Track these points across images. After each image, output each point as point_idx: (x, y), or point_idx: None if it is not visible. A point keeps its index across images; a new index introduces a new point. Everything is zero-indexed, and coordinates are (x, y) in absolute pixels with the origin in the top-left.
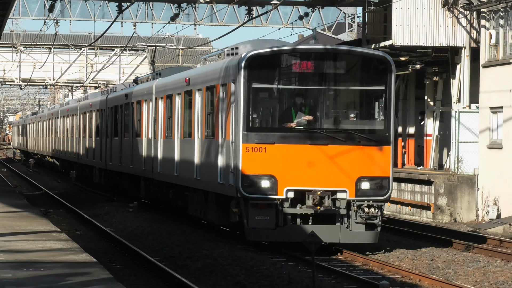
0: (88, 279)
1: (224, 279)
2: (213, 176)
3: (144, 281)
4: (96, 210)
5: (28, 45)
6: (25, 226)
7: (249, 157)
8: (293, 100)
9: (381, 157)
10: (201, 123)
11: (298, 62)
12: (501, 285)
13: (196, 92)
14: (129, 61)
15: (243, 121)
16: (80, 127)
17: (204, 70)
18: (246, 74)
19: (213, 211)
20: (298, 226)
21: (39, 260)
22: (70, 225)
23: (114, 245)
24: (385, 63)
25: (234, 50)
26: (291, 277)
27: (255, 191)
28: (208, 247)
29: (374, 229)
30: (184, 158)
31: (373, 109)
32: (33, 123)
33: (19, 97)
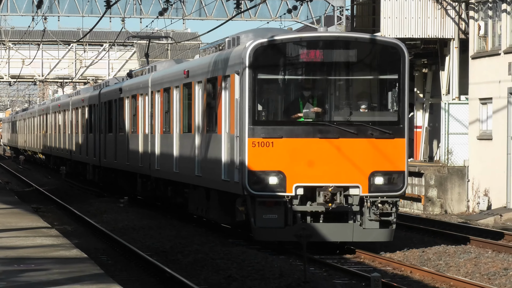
0: (79, 275)
1: (215, 273)
2: (216, 173)
3: (135, 276)
4: (86, 206)
5: (17, 41)
6: (16, 222)
7: (256, 153)
8: (301, 92)
9: (395, 150)
10: (202, 117)
11: (306, 51)
12: (492, 276)
13: (196, 85)
14: (118, 56)
15: (248, 114)
16: (73, 123)
17: (205, 62)
18: (252, 64)
19: (216, 210)
20: (308, 224)
21: (30, 257)
22: (60, 221)
23: (105, 241)
24: (398, 50)
25: (236, 40)
26: (282, 270)
27: (263, 188)
28: (199, 241)
29: (389, 226)
30: (183, 153)
31: (386, 100)
32: (23, 120)
33: (8, 94)
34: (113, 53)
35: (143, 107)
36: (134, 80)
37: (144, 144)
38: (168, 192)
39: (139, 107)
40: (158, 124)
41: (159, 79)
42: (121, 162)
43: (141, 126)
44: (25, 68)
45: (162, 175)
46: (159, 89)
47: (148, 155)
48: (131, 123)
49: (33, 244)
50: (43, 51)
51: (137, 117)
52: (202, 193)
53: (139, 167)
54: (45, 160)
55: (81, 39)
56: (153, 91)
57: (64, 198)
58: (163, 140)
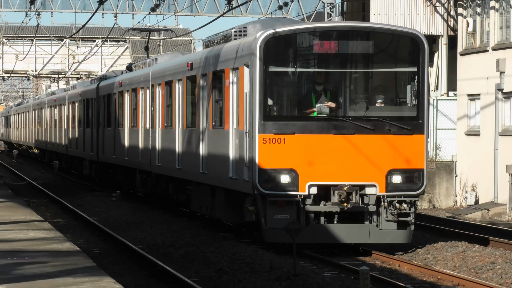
0: (72, 267)
1: (206, 266)
2: (223, 170)
3: (127, 269)
4: (79, 199)
5: (10, 37)
6: (9, 216)
7: (267, 149)
8: (315, 85)
9: (413, 147)
10: (208, 112)
11: (320, 42)
12: (479, 270)
13: (200, 78)
14: (110, 51)
15: (259, 109)
16: (69, 117)
17: (210, 54)
18: (262, 56)
19: (222, 209)
20: (322, 225)
21: (23, 249)
22: (53, 215)
23: (98, 234)
24: (418, 41)
25: (242, 31)
26: (272, 264)
27: (274, 187)
28: (190, 235)
29: (407, 227)
30: (187, 150)
31: (404, 94)
32: (17, 114)
33: (2, 89)
34: (105, 49)
35: (144, 101)
36: (134, 73)
37: (145, 139)
38: (170, 189)
39: (140, 101)
40: (160, 118)
41: (161, 72)
42: (120, 157)
43: (142, 121)
44: (19, 63)
45: (164, 172)
46: (160, 82)
47: (148, 151)
48: (131, 117)
49: (26, 237)
50: (36, 47)
51: (138, 111)
52: (206, 191)
53: (139, 162)
54: (40, 154)
55: (74, 35)
56: (154, 84)
57: (57, 192)
58: (165, 135)
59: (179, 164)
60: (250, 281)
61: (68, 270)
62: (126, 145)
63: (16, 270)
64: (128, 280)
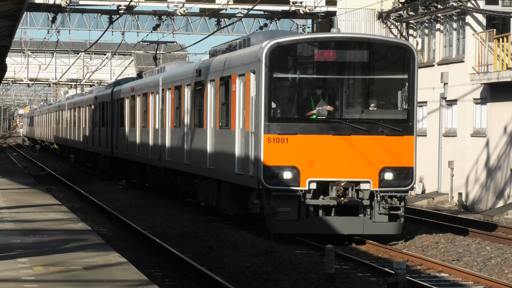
0: (84, 244)
1: (197, 244)
2: (229, 166)
3: (131, 246)
4: (91, 187)
5: (34, 50)
6: (32, 200)
7: (271, 148)
8: (315, 90)
9: (404, 147)
10: (215, 114)
11: (320, 51)
12: (425, 248)
13: (208, 83)
14: (118, 63)
15: (264, 111)
16: (87, 118)
17: (217, 61)
18: (268, 63)
19: (227, 201)
20: (320, 217)
21: (43, 228)
22: (69, 200)
23: (106, 216)
24: (408, 51)
25: (246, 41)
26: (253, 242)
27: (277, 182)
28: (184, 218)
29: (397, 220)
30: (195, 147)
31: (396, 99)
32: (40, 115)
33: (27, 94)
34: (114, 61)
35: (154, 104)
36: (145, 79)
37: (154, 137)
38: (178, 182)
39: (150, 104)
40: (169, 119)
41: (171, 78)
42: (132, 153)
43: (152, 121)
44: (41, 73)
45: (173, 166)
46: (170, 87)
47: (158, 148)
48: (142, 118)
49: (46, 218)
50: (56, 59)
51: (148, 113)
52: (212, 184)
53: (149, 158)
54: (60, 150)
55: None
56: (164, 89)
57: (72, 180)
58: (174, 134)
59: (187, 160)
60: (234, 256)
61: (81, 246)
62: (137, 142)
63: (37, 245)
64: (132, 255)
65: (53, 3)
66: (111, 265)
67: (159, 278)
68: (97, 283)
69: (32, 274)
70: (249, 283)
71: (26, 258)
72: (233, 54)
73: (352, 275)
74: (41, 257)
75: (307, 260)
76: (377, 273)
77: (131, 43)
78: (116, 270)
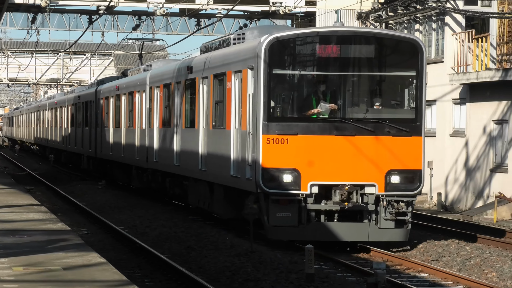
0: (63, 244)
1: (177, 244)
2: (223, 168)
3: (111, 245)
4: (71, 187)
5: (14, 50)
6: (12, 200)
7: (270, 149)
8: (317, 87)
9: (412, 148)
10: (208, 113)
11: (322, 46)
12: (405, 248)
13: (200, 81)
14: (98, 63)
15: (263, 110)
16: (69, 118)
17: (209, 58)
18: (267, 59)
19: (221, 204)
20: (322, 223)
21: (23, 229)
22: (49, 200)
23: (86, 216)
24: (416, 46)
25: (241, 36)
26: (233, 242)
27: (277, 186)
28: (164, 218)
29: (404, 226)
30: (185, 148)
31: (403, 97)
32: (20, 115)
33: (6, 94)
34: (94, 61)
35: (140, 103)
36: (131, 78)
37: (141, 137)
38: (166, 184)
39: (136, 103)
40: (157, 118)
41: (159, 76)
42: (116, 154)
43: (138, 121)
44: (21, 73)
45: (161, 168)
46: (158, 85)
47: (145, 148)
48: (128, 118)
49: (25, 219)
50: (36, 59)
51: (134, 113)
52: (204, 187)
53: (135, 159)
54: (40, 150)
55: (68, 49)
56: (152, 87)
57: (52, 181)
58: (162, 134)
59: (177, 161)
60: (214, 256)
61: (61, 246)
62: (123, 143)
63: (17, 246)
64: (111, 255)
65: (33, 3)
66: (91, 265)
67: (138, 279)
68: (76, 283)
69: (12, 274)
70: (229, 283)
71: (6, 259)
72: (228, 50)
73: (332, 275)
74: (21, 257)
75: (287, 260)
76: (356, 273)
77: (111, 43)
78: (95, 270)
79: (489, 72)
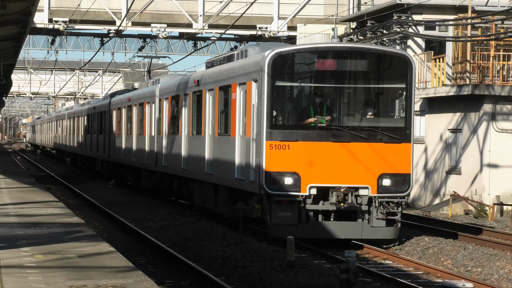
0: (78, 235)
1: (176, 235)
2: (228, 172)
3: (119, 237)
4: (84, 186)
5: (36, 68)
6: (33, 197)
7: (273, 154)
8: (316, 98)
9: (402, 154)
10: (213, 121)
11: (321, 61)
12: (385, 245)
13: (207, 92)
14: (108, 79)
15: (266, 119)
16: (85, 126)
17: (215, 72)
18: (270, 72)
19: (225, 204)
20: (320, 222)
21: (43, 222)
22: (65, 197)
23: (97, 211)
24: (407, 61)
25: (244, 53)
26: (224, 234)
27: (279, 188)
28: (165, 213)
29: (393, 224)
30: (192, 153)
31: (394, 107)
32: (42, 124)
33: (29, 105)
34: (105, 77)
35: (150, 113)
36: (141, 90)
37: (150, 144)
38: (174, 185)
39: (146, 113)
40: (166, 127)
41: (167, 88)
42: (128, 158)
43: (148, 129)
44: (42, 87)
45: (169, 171)
46: (167, 97)
47: (154, 154)
48: (138, 126)
49: (45, 213)
50: (55, 75)
51: (144, 121)
52: (209, 189)
53: (145, 163)
54: (59, 154)
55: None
56: (161, 99)
57: (68, 180)
58: (171, 140)
59: (184, 165)
60: (208, 246)
61: (76, 237)
62: (133, 148)
63: (38, 236)
64: (119, 245)
65: (52, 27)
66: (102, 253)
67: (143, 265)
68: (89, 269)
69: (34, 261)
70: (221, 269)
71: (28, 248)
72: (233, 64)
73: (310, 262)
74: (41, 246)
75: (271, 249)
76: (331, 260)
77: (120, 62)
78: (106, 258)
79: (445, 88)
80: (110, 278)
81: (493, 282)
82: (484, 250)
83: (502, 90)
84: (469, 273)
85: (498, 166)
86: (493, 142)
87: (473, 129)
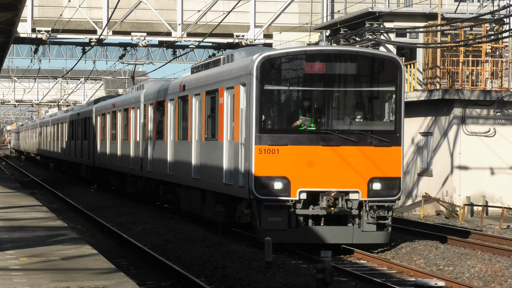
0: (62, 238)
1: (157, 238)
2: (216, 177)
3: (101, 239)
4: (67, 190)
5: (20, 76)
6: (18, 202)
7: (262, 159)
8: (305, 102)
9: (392, 157)
10: (200, 126)
11: (309, 64)
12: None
13: (193, 97)
14: (90, 87)
15: (255, 123)
16: (69, 132)
17: (201, 76)
18: (259, 75)
19: (212, 210)
20: (310, 227)
21: (27, 225)
22: (49, 201)
23: (80, 215)
24: (395, 64)
25: (230, 57)
26: (204, 236)
27: (268, 193)
28: (147, 216)
29: (384, 229)
30: (179, 158)
31: (383, 110)
32: (26, 130)
33: (13, 113)
34: (87, 85)
35: (135, 118)
36: (126, 96)
37: (136, 149)
38: (160, 190)
39: (131, 118)
40: (151, 132)
41: (152, 94)
42: (113, 163)
43: (133, 134)
44: (26, 95)
45: (155, 176)
46: (152, 102)
47: (139, 159)
48: (123, 131)
49: (29, 217)
50: (38, 83)
51: (129, 127)
52: (197, 194)
53: (130, 168)
54: (43, 160)
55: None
56: (146, 104)
57: (52, 185)
58: (156, 146)
59: (170, 170)
60: (188, 248)
61: (59, 240)
62: (118, 154)
63: (22, 240)
64: (102, 247)
65: (35, 37)
66: (84, 256)
67: (125, 267)
68: (73, 271)
69: (18, 263)
70: (201, 270)
71: (13, 251)
72: (220, 69)
73: (287, 263)
74: (26, 249)
75: (250, 250)
76: (308, 260)
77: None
78: (88, 260)
79: (416, 92)
80: (93, 279)
81: (465, 281)
82: (455, 249)
83: (472, 95)
84: (441, 272)
85: (468, 168)
86: (463, 145)
87: (444, 133)
